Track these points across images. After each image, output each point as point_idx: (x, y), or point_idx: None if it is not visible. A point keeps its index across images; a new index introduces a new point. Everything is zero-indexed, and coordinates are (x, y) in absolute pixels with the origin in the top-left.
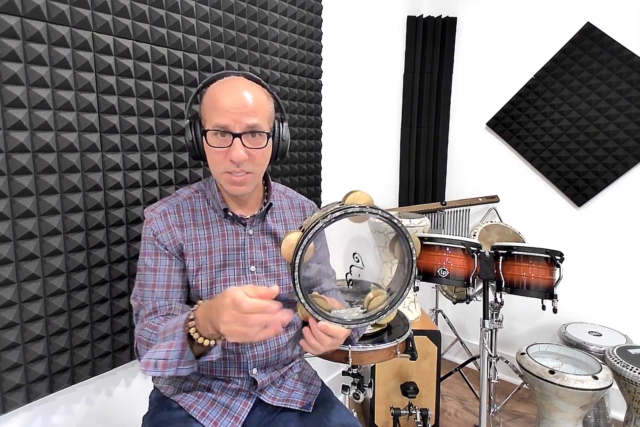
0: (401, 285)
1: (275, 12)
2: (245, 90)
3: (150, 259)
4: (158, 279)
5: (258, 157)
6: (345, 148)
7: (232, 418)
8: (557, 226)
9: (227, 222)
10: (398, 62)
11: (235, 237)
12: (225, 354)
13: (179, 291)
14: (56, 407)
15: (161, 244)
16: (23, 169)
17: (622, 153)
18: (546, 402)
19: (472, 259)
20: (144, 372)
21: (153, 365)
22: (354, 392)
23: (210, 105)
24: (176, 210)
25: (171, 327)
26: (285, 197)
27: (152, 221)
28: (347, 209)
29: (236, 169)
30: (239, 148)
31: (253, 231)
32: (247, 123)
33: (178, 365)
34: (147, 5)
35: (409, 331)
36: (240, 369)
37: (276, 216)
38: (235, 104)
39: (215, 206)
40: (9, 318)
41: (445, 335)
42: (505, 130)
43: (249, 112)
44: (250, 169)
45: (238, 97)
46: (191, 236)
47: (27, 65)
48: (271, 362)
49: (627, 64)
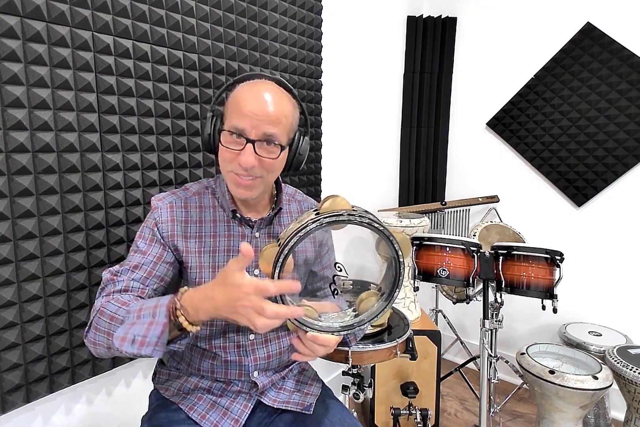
0: (391, 287)
1: (275, 12)
2: (271, 98)
3: (143, 243)
4: (143, 262)
5: (268, 165)
6: (345, 148)
7: (232, 420)
8: (557, 226)
9: (235, 223)
10: (398, 62)
11: (241, 239)
12: (227, 356)
13: (156, 282)
14: (56, 407)
15: (159, 233)
16: (23, 169)
17: (622, 153)
18: (546, 402)
19: (472, 259)
20: (118, 347)
21: (130, 341)
22: (354, 392)
23: (234, 106)
24: (183, 205)
25: (150, 306)
26: (294, 201)
27: (158, 209)
28: (321, 220)
29: (243, 173)
30: (249, 154)
31: (259, 234)
32: (265, 131)
33: (155, 345)
34: (147, 5)
35: (409, 331)
36: (242, 372)
37: (284, 220)
38: (257, 109)
39: (224, 205)
40: (9, 318)
41: (445, 335)
42: (505, 130)
43: (269, 120)
44: (260, 174)
45: (262, 103)
46: (196, 233)
47: (27, 65)
48: (272, 365)
49: (627, 64)
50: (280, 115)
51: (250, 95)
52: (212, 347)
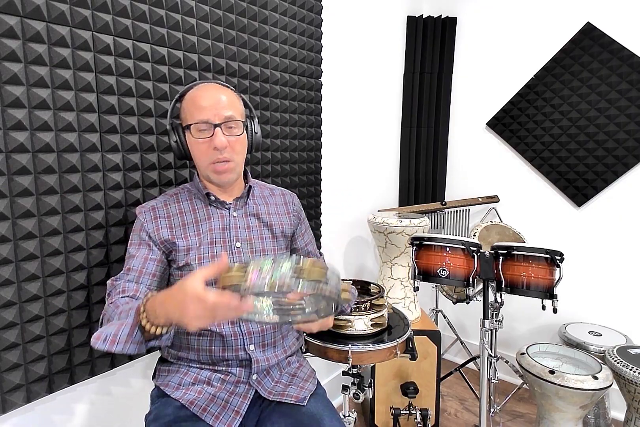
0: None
1: (275, 12)
2: (218, 91)
3: (133, 248)
4: (133, 264)
5: (237, 146)
6: (345, 148)
7: (233, 412)
8: (557, 226)
9: (212, 207)
10: (398, 62)
11: (220, 219)
12: (222, 331)
13: (149, 278)
14: (56, 407)
15: (145, 233)
16: (23, 169)
17: (622, 153)
18: (546, 402)
19: (472, 259)
20: (93, 344)
21: (102, 339)
22: (354, 392)
23: (191, 106)
24: (163, 205)
25: (126, 309)
26: (266, 188)
27: (142, 213)
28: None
29: (219, 156)
30: (220, 136)
31: (237, 214)
32: (225, 115)
33: (125, 343)
34: (147, 5)
35: (409, 331)
36: (238, 346)
37: (258, 201)
38: (213, 101)
39: (199, 195)
40: (9, 318)
41: (445, 335)
42: (505, 130)
43: (225, 106)
44: (230, 157)
45: (214, 96)
46: (179, 222)
47: (27, 65)
48: (267, 340)
49: (627, 64)
50: (231, 101)
51: (202, 93)
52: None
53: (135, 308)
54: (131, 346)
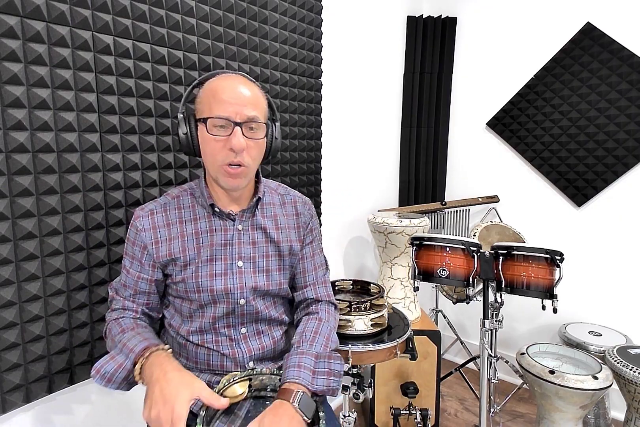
0: None
1: (275, 12)
2: (244, 85)
3: (128, 261)
4: (128, 282)
5: (254, 151)
6: (345, 148)
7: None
8: (557, 226)
9: (216, 218)
10: (398, 62)
11: (223, 233)
12: (220, 349)
13: (145, 296)
14: (56, 407)
15: (139, 246)
16: (23, 169)
17: (622, 153)
18: (546, 402)
19: (472, 259)
20: (92, 376)
21: (101, 375)
22: (354, 392)
23: (210, 98)
24: (163, 209)
25: (130, 347)
26: (277, 194)
27: (139, 218)
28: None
29: (234, 159)
30: (240, 136)
31: (243, 226)
32: (247, 115)
33: (120, 384)
34: (147, 5)
35: (409, 331)
36: (237, 363)
37: (266, 212)
38: (236, 95)
39: (202, 203)
40: (9, 318)
41: (445, 335)
42: (505, 130)
43: (249, 104)
44: (245, 162)
45: (238, 90)
46: (177, 233)
47: (27, 65)
48: (267, 355)
49: (627, 64)
50: (256, 98)
51: (225, 85)
52: (204, 342)
53: (136, 354)
54: (124, 387)
